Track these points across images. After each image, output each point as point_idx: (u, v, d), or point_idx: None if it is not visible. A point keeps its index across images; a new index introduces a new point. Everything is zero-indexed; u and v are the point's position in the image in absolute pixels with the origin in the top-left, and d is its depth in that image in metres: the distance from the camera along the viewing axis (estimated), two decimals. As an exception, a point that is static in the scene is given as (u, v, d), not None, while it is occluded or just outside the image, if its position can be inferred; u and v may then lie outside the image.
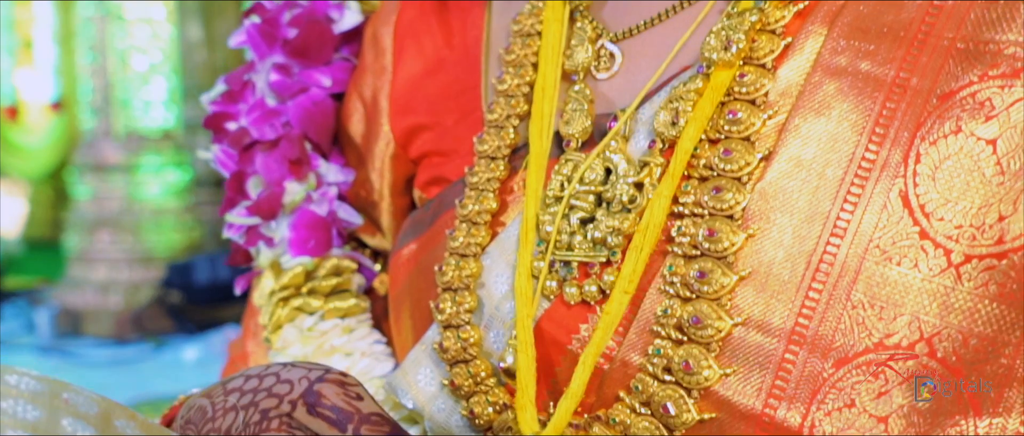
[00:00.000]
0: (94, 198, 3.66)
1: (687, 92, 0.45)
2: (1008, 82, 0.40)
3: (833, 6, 0.44)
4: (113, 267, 3.57)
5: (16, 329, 3.83)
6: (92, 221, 3.61)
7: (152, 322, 3.51)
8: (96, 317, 3.55)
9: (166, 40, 3.62)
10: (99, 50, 3.55)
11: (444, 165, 0.56)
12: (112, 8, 3.48)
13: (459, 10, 0.60)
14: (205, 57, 4.17)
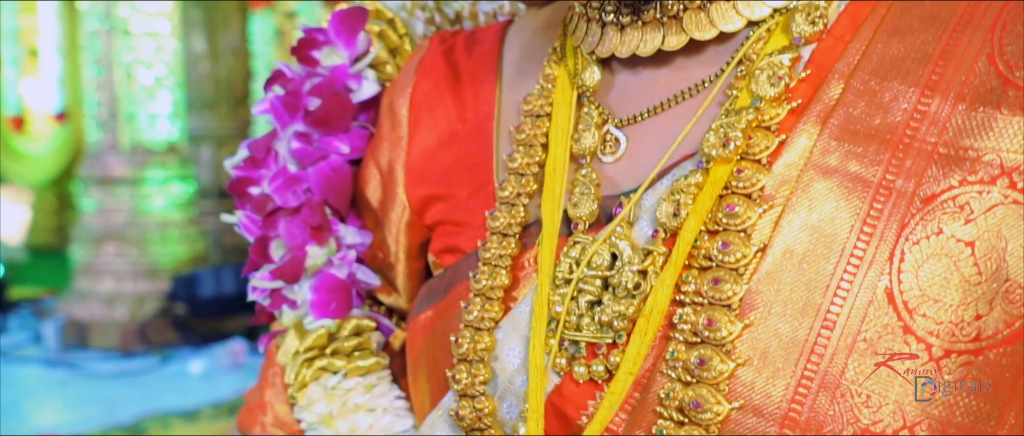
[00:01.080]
0: (100, 211, 3.70)
1: (688, 185, 0.48)
2: (986, 188, 0.43)
3: (825, 106, 0.48)
4: (119, 279, 3.62)
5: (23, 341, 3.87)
6: (98, 234, 3.66)
7: (157, 334, 3.54)
8: (102, 329, 3.59)
9: (171, 54, 3.66)
10: (105, 64, 3.59)
11: (457, 235, 0.60)
12: (118, 22, 3.52)
13: (471, 85, 0.63)
14: (209, 69, 4.22)
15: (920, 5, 0.48)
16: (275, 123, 0.66)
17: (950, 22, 0.47)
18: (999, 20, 0.46)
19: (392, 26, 0.68)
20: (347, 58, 0.66)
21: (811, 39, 0.49)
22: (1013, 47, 0.45)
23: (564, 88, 0.57)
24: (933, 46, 0.47)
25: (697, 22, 0.51)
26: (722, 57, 0.52)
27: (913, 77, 0.46)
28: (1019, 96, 0.44)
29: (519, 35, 0.64)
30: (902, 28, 0.48)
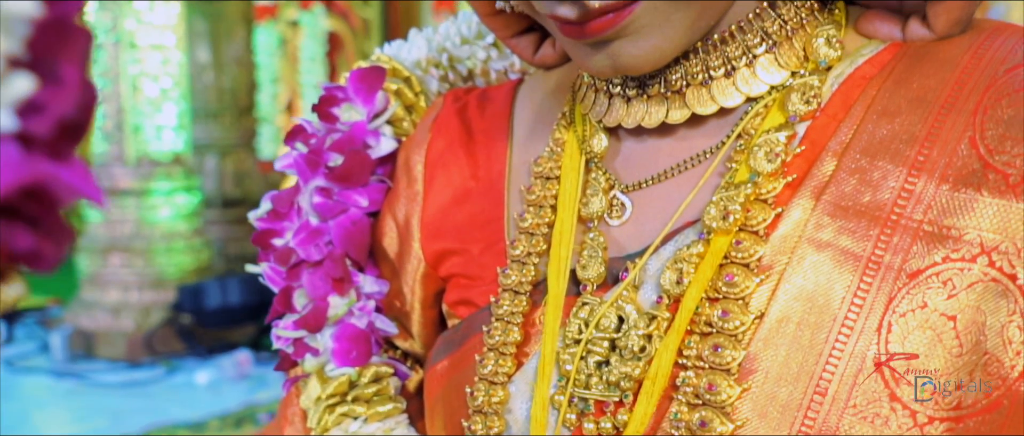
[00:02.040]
0: (106, 222, 3.74)
1: (690, 255, 0.52)
2: (967, 265, 0.47)
3: (819, 182, 0.51)
4: (125, 290, 3.65)
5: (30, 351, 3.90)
6: (104, 245, 3.69)
7: (164, 344, 3.58)
8: (108, 339, 3.62)
9: (176, 66, 3.70)
10: (111, 76, 3.63)
11: (471, 288, 0.63)
12: (124, 35, 3.56)
13: (484, 143, 0.66)
14: (213, 79, 4.25)
15: (908, 87, 0.52)
16: (297, 178, 0.69)
17: (935, 105, 0.50)
18: (981, 105, 0.49)
19: (408, 84, 0.72)
20: (366, 115, 0.69)
21: (805, 117, 0.53)
22: (993, 132, 0.48)
23: (573, 153, 0.60)
24: (919, 128, 0.50)
25: (699, 98, 0.54)
26: (723, 130, 0.55)
27: (901, 157, 0.50)
28: (998, 179, 0.47)
29: (529, 96, 0.67)
30: (891, 109, 0.51)
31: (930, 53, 0.53)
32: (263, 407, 2.92)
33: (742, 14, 0.54)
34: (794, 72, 0.54)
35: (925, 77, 0.52)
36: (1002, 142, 0.48)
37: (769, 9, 0.54)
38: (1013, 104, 0.49)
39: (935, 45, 0.53)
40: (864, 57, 0.54)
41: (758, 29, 0.54)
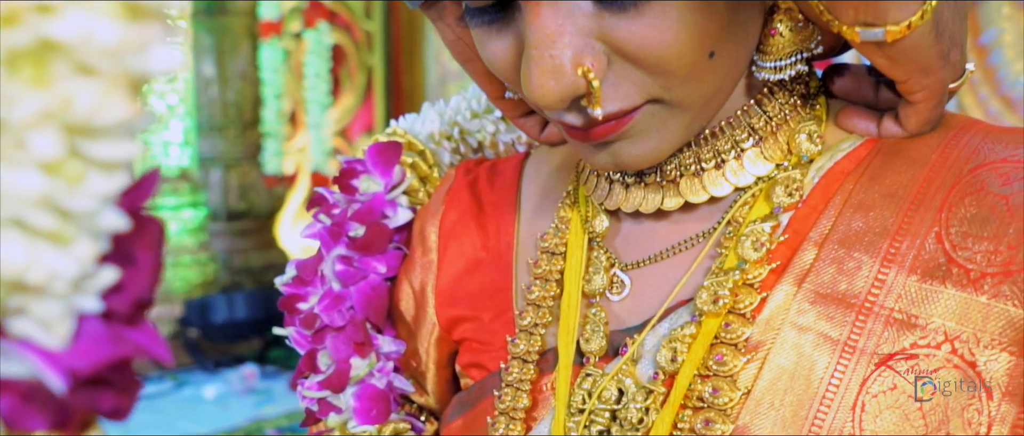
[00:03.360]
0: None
1: (683, 335, 0.57)
2: (932, 352, 0.52)
3: (801, 270, 0.56)
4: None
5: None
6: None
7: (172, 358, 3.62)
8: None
9: (182, 83, 3.76)
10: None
11: (482, 353, 0.68)
12: (132, 54, 3.62)
13: (493, 216, 0.72)
14: (218, 93, 4.30)
15: (882, 183, 0.57)
16: (321, 247, 0.75)
17: (906, 200, 0.56)
18: (946, 202, 0.55)
19: (422, 157, 0.77)
20: (383, 186, 0.75)
21: (789, 208, 0.58)
22: (957, 229, 0.54)
23: (577, 231, 0.65)
24: (891, 222, 0.55)
25: (692, 187, 0.60)
26: (714, 216, 0.61)
27: (874, 249, 0.55)
28: (961, 273, 0.52)
29: (536, 171, 0.72)
30: (866, 203, 0.57)
31: (902, 150, 0.58)
32: (270, 421, 2.97)
33: (731, 111, 0.59)
34: (778, 164, 0.59)
35: (897, 173, 0.57)
36: (965, 238, 0.53)
37: (756, 106, 0.59)
38: (975, 203, 0.54)
39: (907, 142, 0.58)
40: (843, 152, 0.59)
41: (745, 125, 0.59)
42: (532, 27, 0.51)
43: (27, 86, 0.23)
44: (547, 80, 0.51)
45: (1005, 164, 0.55)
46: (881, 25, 0.50)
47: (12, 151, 0.24)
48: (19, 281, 0.26)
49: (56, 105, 0.23)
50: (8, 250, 0.25)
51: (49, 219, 0.25)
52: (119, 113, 0.24)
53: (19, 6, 0.22)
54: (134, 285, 0.29)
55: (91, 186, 0.25)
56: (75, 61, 0.23)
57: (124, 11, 0.23)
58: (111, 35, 0.23)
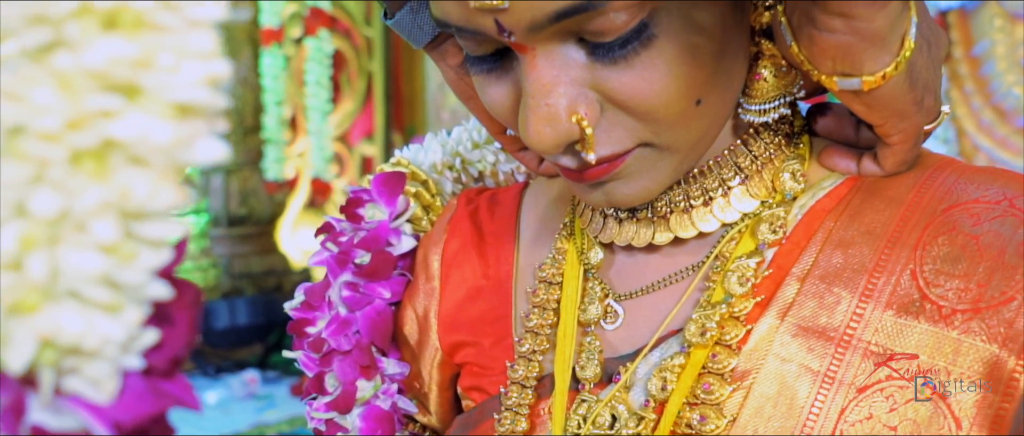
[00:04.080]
0: (117, 244, 3.81)
1: (673, 365, 0.60)
2: (906, 383, 0.55)
3: (784, 304, 0.59)
4: (135, 311, 3.73)
5: (42, 369, 3.98)
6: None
7: (173, 364, 3.66)
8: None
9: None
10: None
11: (482, 377, 0.72)
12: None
13: (493, 245, 0.75)
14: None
15: (861, 221, 0.60)
16: (328, 274, 0.78)
17: (883, 238, 0.59)
18: (920, 240, 0.58)
19: (425, 187, 0.81)
20: (388, 215, 0.78)
21: (773, 244, 0.61)
22: (931, 267, 0.57)
23: (573, 262, 0.69)
24: (869, 259, 0.59)
25: (681, 223, 0.63)
26: (702, 250, 0.64)
27: (853, 285, 0.58)
28: (934, 310, 0.56)
29: (534, 202, 0.76)
30: (846, 240, 0.60)
31: (880, 189, 0.61)
32: (272, 427, 3.00)
33: (719, 150, 0.62)
34: (763, 201, 0.62)
35: (875, 212, 0.60)
36: (937, 276, 0.56)
37: (742, 146, 0.62)
38: (948, 242, 0.57)
39: (885, 181, 0.62)
40: (824, 190, 0.63)
41: (732, 163, 0.62)
42: (529, 77, 0.54)
43: (89, 179, 0.27)
44: (544, 127, 0.54)
45: (977, 205, 0.58)
46: (857, 75, 0.54)
47: (74, 235, 0.27)
48: (76, 347, 0.29)
49: (115, 196, 0.27)
50: (67, 320, 0.28)
51: (104, 293, 0.28)
52: (169, 200, 0.27)
53: (87, 111, 0.26)
54: (171, 343, 0.33)
55: (141, 262, 0.29)
56: (131, 156, 0.27)
57: (175, 111, 0.27)
58: (164, 134, 0.26)
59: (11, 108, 0.26)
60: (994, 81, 2.63)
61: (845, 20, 0.51)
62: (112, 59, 0.25)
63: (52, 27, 0.25)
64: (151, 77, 0.26)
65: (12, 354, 0.29)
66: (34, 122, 0.26)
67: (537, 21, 0.51)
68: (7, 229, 0.27)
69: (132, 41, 0.26)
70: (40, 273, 0.27)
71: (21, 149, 0.26)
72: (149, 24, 0.26)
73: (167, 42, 0.26)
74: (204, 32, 0.26)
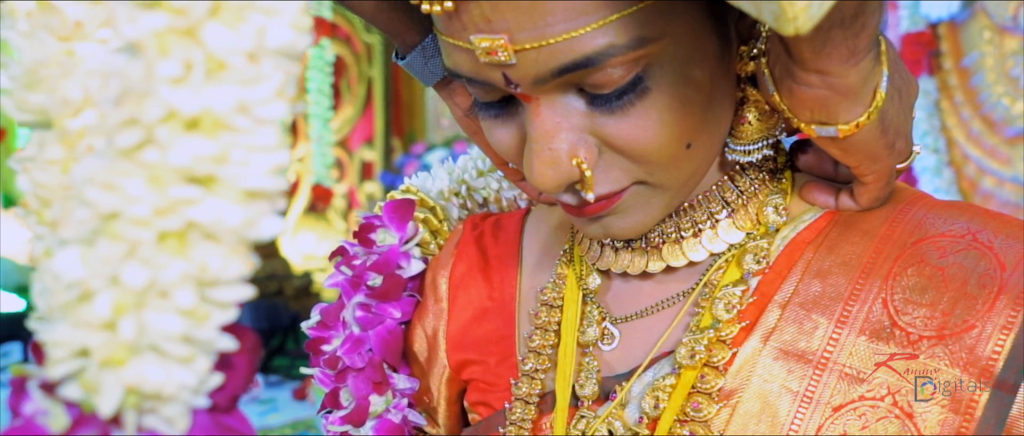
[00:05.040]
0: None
1: (665, 385, 0.65)
2: (877, 403, 0.60)
3: (767, 329, 0.64)
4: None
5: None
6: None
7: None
8: (123, 362, 3.76)
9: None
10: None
11: (488, 392, 0.77)
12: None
13: (498, 269, 0.80)
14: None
15: (837, 252, 0.65)
16: (342, 295, 0.83)
17: (857, 269, 0.64)
18: (892, 271, 0.63)
19: (433, 213, 0.86)
20: (398, 240, 0.83)
21: (757, 273, 0.66)
22: (900, 296, 0.62)
23: (572, 287, 0.74)
24: (844, 288, 0.64)
25: (672, 253, 0.68)
26: (692, 278, 0.69)
27: (829, 312, 0.63)
28: (903, 335, 0.61)
29: (536, 229, 0.81)
30: (823, 270, 0.65)
31: (856, 222, 0.66)
32: (275, 430, 3.05)
33: (707, 185, 0.67)
34: (749, 233, 0.68)
35: (851, 244, 0.65)
36: (907, 305, 0.62)
37: (729, 181, 0.68)
38: (916, 273, 0.62)
39: (860, 215, 0.67)
40: (805, 223, 0.68)
41: (719, 198, 0.68)
42: (533, 124, 0.59)
43: (172, 255, 0.32)
44: (546, 170, 0.59)
45: (943, 238, 0.63)
46: (833, 124, 0.59)
47: (158, 301, 0.32)
48: (156, 393, 0.34)
49: (194, 269, 0.32)
50: (150, 372, 0.34)
51: (182, 348, 0.34)
52: (238, 269, 0.33)
53: (172, 200, 0.31)
54: (232, 384, 0.38)
55: (213, 321, 0.34)
56: (207, 235, 0.32)
57: (245, 197, 0.32)
58: (236, 217, 0.32)
59: (108, 196, 0.31)
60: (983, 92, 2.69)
61: (821, 76, 0.56)
62: (194, 156, 0.31)
63: (144, 129, 0.31)
64: (226, 170, 0.31)
65: (103, 401, 0.34)
66: (127, 209, 0.31)
67: (541, 75, 0.56)
68: (102, 297, 0.32)
69: (211, 140, 0.31)
70: (129, 333, 0.33)
71: (115, 231, 0.31)
72: (225, 125, 0.31)
73: (240, 140, 0.31)
74: (270, 129, 0.32)
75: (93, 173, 0.31)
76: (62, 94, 0.39)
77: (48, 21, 0.39)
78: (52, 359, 0.35)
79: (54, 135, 0.40)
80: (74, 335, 0.34)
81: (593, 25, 0.54)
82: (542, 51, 0.55)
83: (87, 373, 0.34)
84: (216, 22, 0.30)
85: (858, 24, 0.53)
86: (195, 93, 0.30)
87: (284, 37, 0.30)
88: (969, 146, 2.80)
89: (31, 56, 0.40)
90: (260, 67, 0.30)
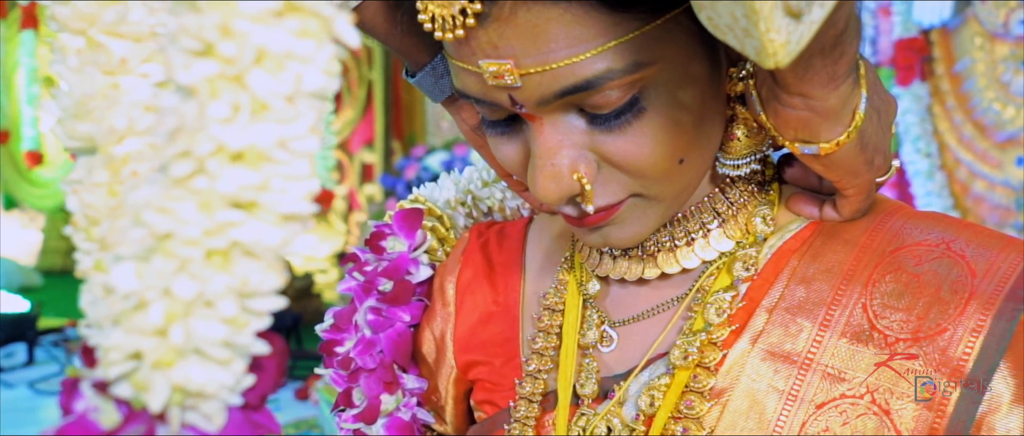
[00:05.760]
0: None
1: (660, 384, 0.70)
2: (857, 401, 0.64)
3: (755, 332, 0.69)
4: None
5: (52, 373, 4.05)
6: (124, 273, 3.87)
7: (181, 367, 3.76)
8: (128, 363, 3.80)
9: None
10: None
11: (494, 391, 0.81)
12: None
13: (503, 275, 0.84)
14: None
15: (821, 260, 0.70)
16: (355, 300, 0.87)
17: (839, 276, 0.68)
18: (871, 278, 0.67)
19: (440, 221, 0.90)
20: (408, 247, 0.87)
21: (746, 280, 0.71)
22: (879, 301, 0.66)
23: (573, 292, 0.78)
24: (827, 294, 0.68)
25: (667, 260, 0.72)
26: (685, 283, 0.73)
27: (812, 317, 0.67)
28: (880, 338, 0.65)
29: (538, 237, 0.85)
30: (808, 277, 0.69)
31: (839, 232, 0.71)
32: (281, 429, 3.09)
33: (699, 197, 0.72)
34: (738, 242, 0.72)
35: (834, 252, 0.70)
36: (884, 309, 0.66)
37: (720, 193, 0.72)
38: (893, 280, 0.66)
39: (843, 225, 0.71)
40: (791, 232, 0.72)
41: (711, 209, 0.72)
42: (537, 141, 0.64)
43: (217, 271, 0.36)
44: (549, 184, 0.64)
45: (919, 247, 0.67)
46: (816, 143, 0.63)
47: (204, 310, 0.37)
48: (199, 392, 0.39)
49: (236, 283, 0.36)
50: (194, 373, 0.38)
51: (223, 352, 0.38)
52: (273, 283, 0.37)
53: (218, 223, 0.35)
54: (262, 384, 0.42)
55: (250, 328, 0.38)
56: (248, 253, 0.36)
57: (282, 220, 0.36)
58: (274, 238, 0.36)
59: (162, 219, 0.35)
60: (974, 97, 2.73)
61: (803, 99, 0.60)
62: (239, 185, 0.35)
63: (196, 161, 0.35)
64: (266, 196, 0.35)
65: (152, 398, 0.38)
66: (179, 230, 0.35)
67: (544, 97, 0.60)
68: (155, 306, 0.36)
69: (254, 171, 0.35)
70: (178, 338, 0.37)
71: (168, 249, 0.36)
72: (267, 158, 0.35)
73: (279, 171, 0.35)
74: (304, 161, 0.36)
75: (150, 198, 0.35)
76: (108, 123, 0.43)
77: (96, 58, 0.43)
78: (106, 361, 0.39)
79: (100, 160, 0.44)
80: (128, 340, 0.38)
81: (592, 51, 0.58)
82: (545, 75, 0.59)
83: (139, 374, 0.38)
84: (260, 69, 0.34)
85: (837, 52, 0.57)
86: (241, 130, 0.34)
87: (318, 82, 0.34)
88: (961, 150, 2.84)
89: (80, 89, 0.44)
90: (297, 107, 0.35)
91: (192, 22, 0.34)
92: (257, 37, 0.33)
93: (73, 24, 0.44)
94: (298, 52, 0.34)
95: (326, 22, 0.34)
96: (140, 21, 0.44)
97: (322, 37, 0.35)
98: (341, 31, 0.35)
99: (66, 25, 0.44)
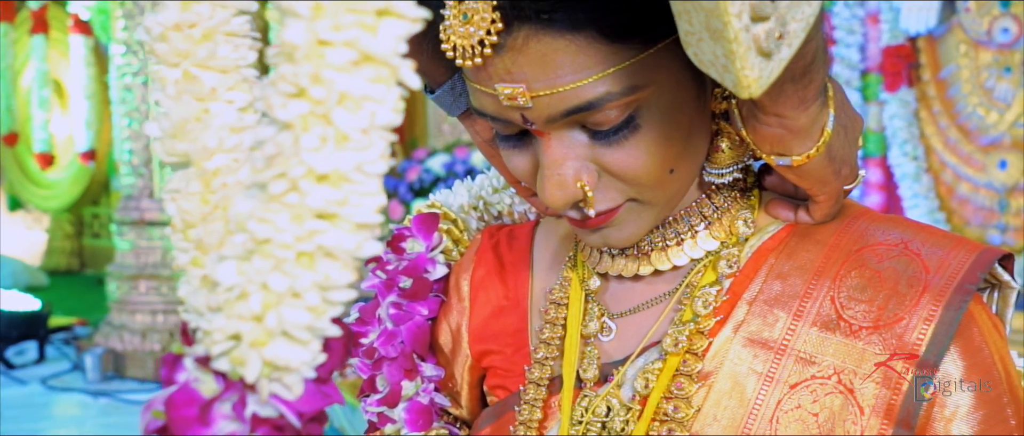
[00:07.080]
0: (134, 250, 4.00)
1: (653, 368, 0.79)
2: (825, 381, 0.73)
3: (737, 322, 0.78)
4: (152, 314, 3.92)
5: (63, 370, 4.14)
6: (133, 272, 3.96)
7: (188, 364, 3.84)
8: (137, 360, 3.89)
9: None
10: (139, 115, 3.90)
11: (506, 377, 0.91)
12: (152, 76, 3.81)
13: (513, 273, 0.94)
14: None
15: (795, 258, 0.79)
16: (378, 295, 0.97)
17: (810, 271, 0.78)
18: (838, 273, 0.77)
19: (455, 224, 0.99)
20: (425, 247, 0.97)
21: (729, 276, 0.80)
22: (846, 294, 0.75)
23: (576, 288, 0.88)
24: (800, 288, 0.77)
25: (659, 259, 0.82)
26: (676, 279, 0.83)
27: (787, 307, 0.77)
28: (846, 327, 0.74)
29: (545, 239, 0.95)
30: (783, 273, 0.79)
31: (811, 233, 0.80)
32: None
33: (688, 202, 0.81)
34: (723, 242, 0.81)
35: (806, 251, 0.79)
36: (850, 301, 0.75)
37: (706, 199, 0.81)
38: (858, 275, 0.76)
39: (815, 227, 0.80)
40: (769, 233, 0.81)
41: (698, 213, 0.81)
42: (545, 154, 0.73)
43: (305, 269, 0.46)
44: (556, 191, 0.73)
45: (881, 246, 0.77)
46: (789, 156, 0.73)
47: (293, 300, 0.46)
48: (285, 367, 0.48)
49: (320, 279, 0.46)
50: (282, 351, 0.47)
51: (306, 334, 0.47)
52: (348, 279, 0.47)
53: (307, 231, 0.45)
54: (331, 361, 0.52)
55: (328, 315, 0.48)
56: (329, 254, 0.46)
57: (357, 228, 0.46)
58: (351, 242, 0.45)
59: (262, 227, 0.45)
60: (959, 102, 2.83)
61: (778, 118, 0.70)
62: (325, 200, 0.44)
63: (289, 181, 0.44)
64: (345, 209, 0.45)
65: (248, 371, 0.48)
66: (275, 237, 0.45)
67: (552, 116, 0.70)
68: (255, 297, 0.46)
69: (337, 189, 0.45)
70: (272, 323, 0.46)
71: (266, 251, 0.45)
72: (347, 179, 0.45)
73: (356, 189, 0.45)
74: (375, 181, 0.45)
75: (252, 210, 0.45)
76: (201, 143, 0.53)
77: (190, 87, 0.53)
78: (210, 341, 0.48)
79: (194, 173, 0.54)
80: (229, 324, 0.47)
81: (594, 76, 0.68)
82: (553, 97, 0.69)
83: (237, 351, 0.48)
84: (342, 108, 0.43)
85: (806, 79, 0.66)
86: (327, 157, 0.44)
87: (388, 117, 0.44)
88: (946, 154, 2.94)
89: (177, 113, 0.53)
90: (371, 138, 0.44)
91: (289, 70, 0.43)
92: (341, 83, 0.43)
93: (170, 58, 0.53)
94: (373, 94, 0.43)
95: (394, 70, 0.44)
96: (226, 56, 0.54)
97: (391, 82, 0.44)
98: (405, 77, 0.45)
99: (164, 59, 0.54)
